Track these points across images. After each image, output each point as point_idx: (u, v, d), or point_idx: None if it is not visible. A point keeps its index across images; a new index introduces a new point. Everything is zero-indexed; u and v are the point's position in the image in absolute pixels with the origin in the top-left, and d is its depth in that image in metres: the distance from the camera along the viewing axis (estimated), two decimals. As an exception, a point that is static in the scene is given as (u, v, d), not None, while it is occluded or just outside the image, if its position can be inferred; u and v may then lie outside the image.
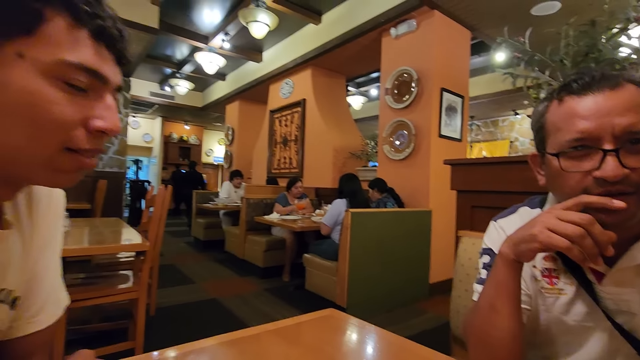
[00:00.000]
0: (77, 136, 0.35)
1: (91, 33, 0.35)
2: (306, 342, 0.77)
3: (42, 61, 0.32)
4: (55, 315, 0.51)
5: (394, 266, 2.77)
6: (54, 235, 0.52)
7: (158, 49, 5.82)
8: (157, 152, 10.22)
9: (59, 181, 0.38)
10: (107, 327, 2.12)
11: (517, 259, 0.55)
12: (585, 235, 0.47)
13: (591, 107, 0.52)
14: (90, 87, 0.36)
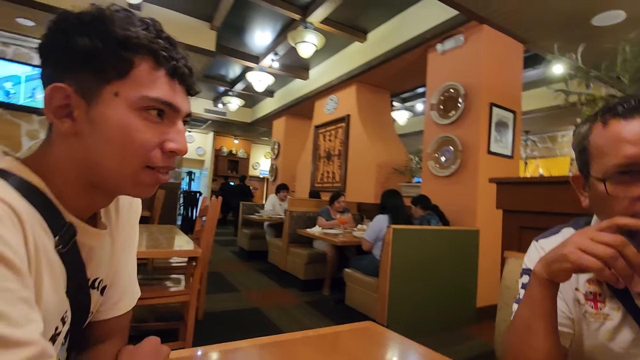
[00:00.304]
0: (154, 156, 0.44)
1: (167, 72, 0.44)
2: (341, 351, 0.80)
3: (131, 98, 0.41)
4: (130, 304, 0.61)
5: (438, 287, 2.68)
6: (133, 237, 0.62)
7: (213, 69, 6.27)
8: (208, 165, 10.85)
9: (141, 192, 0.47)
10: (161, 326, 2.28)
11: (550, 279, 0.55)
12: (617, 256, 0.47)
13: (638, 132, 0.51)
14: (165, 115, 0.44)
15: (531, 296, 0.58)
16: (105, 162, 0.42)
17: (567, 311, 0.65)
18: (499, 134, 3.25)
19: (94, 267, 0.50)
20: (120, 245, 0.58)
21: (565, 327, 0.65)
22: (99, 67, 0.41)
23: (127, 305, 0.60)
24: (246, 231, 5.17)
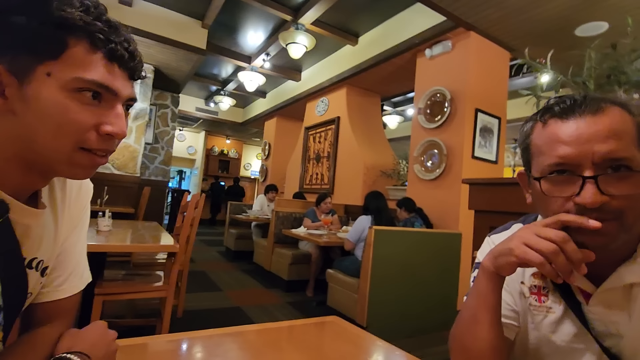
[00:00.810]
0: (89, 138, 0.44)
1: (105, 55, 0.44)
2: (304, 341, 0.80)
3: (64, 79, 0.41)
4: (77, 287, 0.60)
5: (419, 289, 2.70)
6: (82, 220, 0.62)
7: (205, 68, 6.26)
8: (199, 164, 10.79)
9: (77, 174, 0.47)
10: (138, 322, 2.26)
11: (496, 272, 0.57)
12: (558, 252, 0.48)
13: (572, 133, 0.52)
14: (103, 98, 0.45)
15: (478, 288, 0.60)
16: (39, 140, 0.42)
17: (513, 304, 0.67)
18: (484, 139, 3.30)
19: (31, 247, 0.49)
20: (67, 227, 0.57)
21: (511, 319, 0.66)
22: (32, 47, 0.41)
23: (73, 287, 0.59)
24: (233, 231, 5.14)
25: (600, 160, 0.50)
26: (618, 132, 0.50)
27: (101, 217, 2.04)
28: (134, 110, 4.79)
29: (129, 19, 3.94)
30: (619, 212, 0.50)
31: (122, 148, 4.72)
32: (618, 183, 0.49)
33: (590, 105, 0.52)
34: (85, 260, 0.63)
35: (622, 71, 1.05)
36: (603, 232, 0.50)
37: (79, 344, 0.51)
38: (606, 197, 0.49)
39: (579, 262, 0.48)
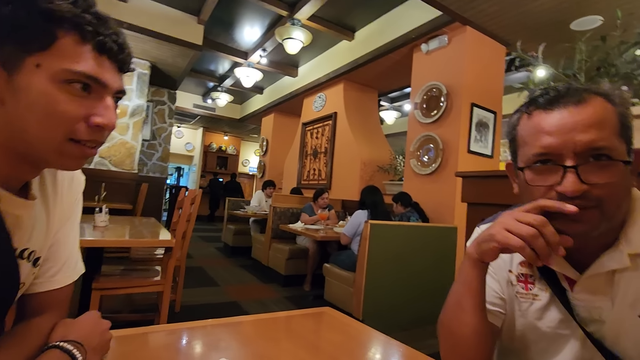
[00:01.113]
0: (79, 129, 0.45)
1: (94, 47, 0.44)
2: (296, 332, 0.82)
3: (53, 70, 0.42)
4: (70, 278, 0.61)
5: (416, 282, 2.72)
6: (74, 212, 0.62)
7: (202, 64, 6.24)
8: (197, 161, 10.78)
9: (66, 165, 0.48)
10: (135, 317, 2.28)
11: (480, 259, 0.58)
12: (537, 235, 0.50)
13: (555, 123, 0.53)
14: (93, 90, 0.45)
15: (462, 275, 0.61)
16: (29, 130, 0.43)
17: (500, 292, 0.68)
18: (480, 134, 3.31)
19: (22, 238, 0.50)
20: (59, 219, 0.58)
21: (498, 307, 0.68)
22: (20, 38, 0.41)
23: (66, 278, 0.60)
24: (231, 227, 5.16)
25: (582, 150, 0.51)
26: (599, 122, 0.51)
27: (98, 213, 2.05)
28: (130, 107, 4.78)
29: (125, 15, 3.92)
30: (599, 201, 0.51)
31: (119, 145, 4.71)
32: (599, 172, 0.51)
33: (573, 96, 0.53)
34: (78, 252, 0.64)
35: (612, 63, 1.06)
36: (584, 220, 0.51)
37: (72, 333, 0.51)
38: (587, 185, 0.50)
39: (557, 244, 0.50)
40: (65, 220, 0.60)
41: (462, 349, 0.59)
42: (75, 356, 0.47)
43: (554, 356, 0.61)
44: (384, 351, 0.73)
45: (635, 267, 0.53)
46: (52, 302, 0.58)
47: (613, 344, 0.55)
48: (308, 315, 0.93)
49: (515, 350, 0.67)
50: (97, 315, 0.57)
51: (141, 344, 0.66)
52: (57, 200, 0.57)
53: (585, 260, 0.57)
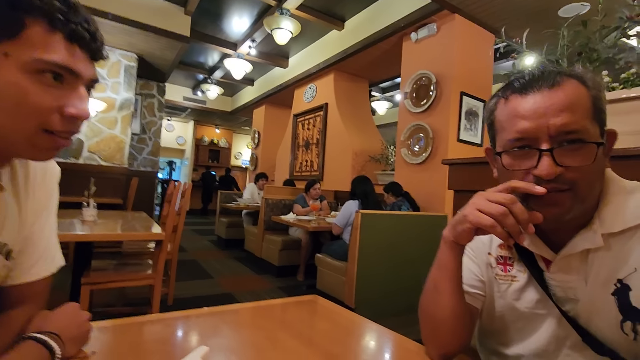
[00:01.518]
0: (52, 120, 0.44)
1: (65, 35, 0.43)
2: (283, 319, 0.83)
3: (23, 60, 0.41)
4: (47, 270, 0.60)
5: (406, 270, 2.76)
6: (49, 204, 0.61)
7: (191, 56, 6.14)
8: (189, 154, 10.69)
9: (38, 156, 0.47)
10: (127, 311, 2.28)
11: (455, 241, 0.59)
12: (507, 213, 0.51)
13: (530, 108, 0.53)
14: (65, 80, 0.44)
15: (439, 258, 0.62)
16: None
17: (480, 274, 0.69)
18: (469, 123, 3.33)
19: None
20: (33, 211, 0.57)
21: (478, 289, 0.69)
22: None
23: (43, 271, 0.59)
24: (224, 220, 5.15)
25: (556, 133, 0.51)
26: (572, 105, 0.52)
27: (86, 208, 2.03)
28: (118, 101, 4.71)
29: (109, 6, 3.83)
30: (572, 183, 0.52)
31: (109, 139, 4.65)
32: (572, 155, 0.51)
33: (547, 80, 0.54)
34: (56, 244, 0.63)
35: (593, 48, 1.06)
36: (558, 203, 0.52)
37: (49, 325, 0.51)
38: (561, 168, 0.51)
39: (526, 222, 0.51)
40: (40, 213, 0.59)
41: (441, 332, 0.61)
42: (50, 347, 0.47)
43: (531, 335, 0.62)
44: (370, 336, 0.74)
45: (608, 247, 0.55)
46: (29, 294, 0.57)
47: (587, 321, 0.56)
48: (295, 303, 0.94)
49: (494, 331, 0.69)
50: (75, 306, 0.56)
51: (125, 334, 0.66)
52: (30, 192, 0.57)
53: (561, 241, 0.58)
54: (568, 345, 0.58)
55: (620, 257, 0.54)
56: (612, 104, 0.94)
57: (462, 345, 0.62)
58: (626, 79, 0.95)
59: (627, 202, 0.55)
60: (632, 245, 0.53)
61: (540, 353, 0.61)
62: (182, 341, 0.66)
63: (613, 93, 0.96)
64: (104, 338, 0.61)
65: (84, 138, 4.50)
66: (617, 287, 0.53)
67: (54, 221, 0.63)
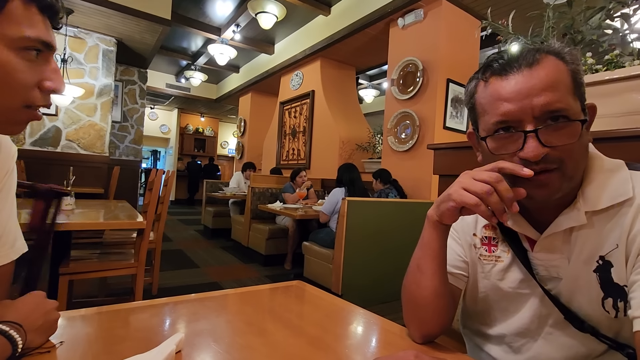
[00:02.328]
0: (34, 96, 0.44)
1: (38, 8, 0.42)
2: (269, 305, 0.81)
3: (9, 37, 0.40)
4: (8, 257, 0.57)
5: (392, 257, 2.78)
6: (5, 185, 0.57)
7: (173, 40, 5.95)
8: (173, 143, 10.48)
9: (11, 130, 0.47)
10: (110, 301, 2.22)
11: (439, 220, 0.58)
12: (491, 192, 0.50)
13: (512, 90, 0.52)
14: (40, 54, 0.44)
15: (423, 238, 0.61)
16: None
17: (464, 255, 0.69)
18: (455, 110, 3.34)
19: None
20: None
21: (461, 270, 0.68)
22: None
23: (1, 258, 0.56)
24: (210, 209, 5.09)
25: (540, 113, 0.50)
26: (553, 83, 0.51)
27: (63, 197, 1.96)
28: (97, 87, 4.54)
29: (84, -14, 3.64)
30: (560, 162, 0.51)
31: (88, 127, 4.50)
32: (558, 134, 0.50)
33: (527, 58, 0.52)
34: (16, 229, 0.59)
35: (578, 30, 1.06)
36: (547, 183, 0.52)
37: (10, 314, 0.47)
38: (547, 148, 0.50)
39: (511, 200, 0.50)
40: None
41: (423, 312, 0.60)
42: (11, 337, 0.44)
43: (514, 314, 0.62)
44: (353, 320, 0.73)
45: (591, 225, 0.54)
46: None
47: (569, 300, 0.56)
48: (280, 288, 0.92)
49: (478, 312, 0.68)
50: (40, 295, 0.53)
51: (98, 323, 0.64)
52: None
53: (545, 220, 0.58)
54: (550, 324, 0.59)
55: (602, 234, 0.53)
56: (596, 86, 0.94)
57: (444, 326, 0.61)
58: (610, 61, 0.95)
59: (609, 180, 0.54)
60: (614, 223, 0.53)
61: (523, 332, 0.61)
62: (160, 328, 0.63)
63: (597, 75, 0.95)
64: (75, 327, 0.58)
65: (62, 125, 4.34)
66: (599, 264, 0.53)
67: (13, 203, 0.59)
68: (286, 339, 0.58)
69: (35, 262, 1.00)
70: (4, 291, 0.57)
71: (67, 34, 4.13)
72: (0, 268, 0.55)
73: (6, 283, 0.57)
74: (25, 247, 0.60)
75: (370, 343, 0.63)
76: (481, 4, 3.29)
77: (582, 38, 1.03)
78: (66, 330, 0.55)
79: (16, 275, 0.57)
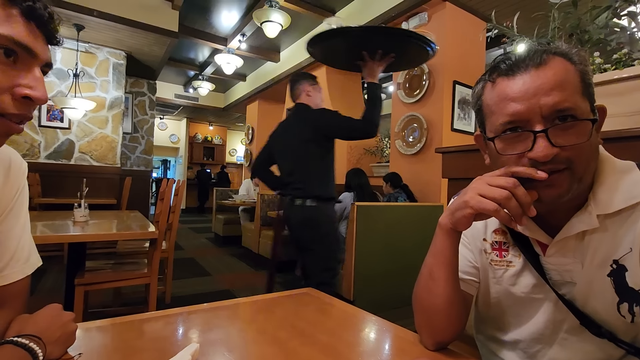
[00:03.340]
0: (3, 101, 0.41)
1: (22, 12, 0.40)
2: (277, 313, 0.81)
3: None
4: (22, 272, 0.57)
5: (403, 261, 2.76)
6: (17, 203, 0.58)
7: (181, 52, 6.06)
8: (183, 152, 10.61)
9: None
10: (124, 311, 2.26)
11: (454, 228, 0.58)
12: (510, 197, 0.50)
13: (520, 89, 0.52)
14: (19, 59, 0.41)
15: (435, 245, 0.61)
16: None
17: (474, 260, 0.68)
18: (463, 112, 3.31)
19: None
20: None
21: (472, 275, 0.68)
22: None
23: (16, 273, 0.56)
24: (220, 217, 5.13)
25: (548, 113, 0.50)
26: (561, 82, 0.50)
27: (77, 209, 2.00)
28: (108, 99, 4.64)
29: (95, 3, 3.75)
30: (569, 162, 0.51)
31: (100, 139, 4.59)
32: (567, 134, 0.50)
33: (534, 59, 0.52)
34: (30, 244, 0.60)
35: (584, 30, 1.05)
36: (556, 184, 0.51)
37: (29, 327, 0.49)
38: (557, 149, 0.50)
39: (529, 205, 0.50)
40: (6, 213, 0.56)
41: (435, 320, 0.60)
42: (32, 349, 0.45)
43: (528, 320, 0.62)
44: (365, 327, 0.73)
45: (604, 228, 0.54)
46: (4, 298, 0.55)
47: (583, 304, 0.55)
48: (290, 296, 0.93)
49: (491, 318, 0.68)
50: (57, 307, 0.54)
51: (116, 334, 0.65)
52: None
53: (556, 224, 0.57)
54: (565, 329, 0.58)
55: (616, 237, 0.53)
56: (604, 86, 0.93)
57: (456, 332, 0.61)
58: (618, 60, 0.94)
59: (621, 182, 0.54)
60: (627, 226, 0.52)
61: (538, 337, 0.60)
62: (175, 338, 0.64)
63: (605, 74, 0.94)
64: (92, 338, 0.60)
65: (75, 138, 4.44)
66: (613, 268, 0.52)
67: (26, 220, 0.60)
68: (299, 348, 0.58)
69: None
70: (22, 305, 0.57)
71: (79, 49, 4.24)
72: (16, 283, 0.56)
73: (23, 297, 0.58)
74: (40, 261, 0.61)
75: (382, 350, 0.63)
76: (485, 6, 3.28)
77: (589, 38, 1.02)
78: (84, 342, 0.57)
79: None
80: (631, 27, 1.00)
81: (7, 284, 0.55)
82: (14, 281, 0.56)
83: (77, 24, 3.90)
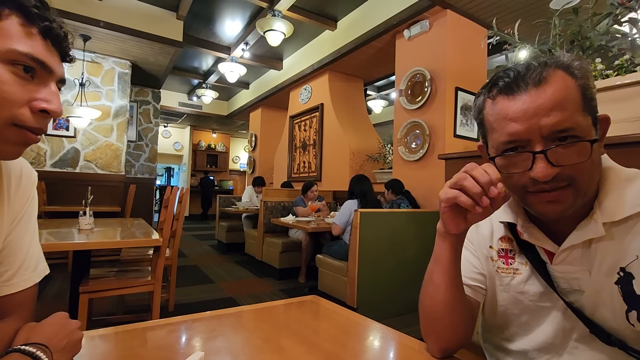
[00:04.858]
0: (22, 114, 0.43)
1: (40, 30, 0.43)
2: (285, 321, 0.82)
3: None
4: (31, 280, 0.58)
5: (407, 268, 2.74)
6: (27, 212, 0.59)
7: (185, 61, 6.13)
8: (186, 160, 10.66)
9: (5, 151, 0.46)
10: (128, 318, 2.26)
11: (446, 230, 0.58)
12: (466, 176, 0.51)
13: (519, 109, 0.52)
14: (36, 75, 0.44)
15: (435, 251, 0.61)
16: None
17: (480, 267, 0.68)
18: (465, 118, 3.32)
19: None
20: (8, 221, 0.55)
21: (479, 282, 0.68)
22: None
23: (25, 281, 0.57)
24: (223, 224, 5.13)
25: (548, 133, 0.50)
26: (562, 101, 0.50)
27: (82, 216, 2.02)
28: (113, 108, 4.69)
29: (100, 14, 3.82)
30: (571, 179, 0.51)
31: (105, 147, 4.63)
32: (567, 153, 0.50)
33: (533, 76, 0.51)
34: (38, 253, 0.60)
35: (585, 36, 1.05)
36: (559, 200, 0.51)
37: (36, 336, 0.49)
38: (557, 168, 0.50)
39: (487, 184, 0.50)
40: (16, 222, 0.57)
41: (439, 326, 0.59)
42: (39, 358, 0.45)
43: (536, 328, 0.61)
44: (370, 335, 0.73)
45: (610, 236, 0.53)
46: (12, 306, 0.55)
47: (592, 312, 0.55)
48: (295, 304, 0.93)
49: (498, 326, 0.67)
50: (64, 316, 0.54)
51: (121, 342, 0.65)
52: (4, 202, 0.54)
53: (562, 232, 0.57)
54: (575, 338, 0.57)
55: (622, 245, 0.52)
56: (607, 92, 0.93)
57: (462, 340, 0.60)
58: (620, 66, 0.94)
59: (626, 190, 0.53)
60: (634, 233, 0.52)
61: (547, 347, 0.59)
62: (180, 346, 0.64)
63: (608, 80, 0.95)
64: (96, 347, 0.60)
65: (80, 147, 4.48)
66: (621, 275, 0.52)
67: (35, 228, 0.60)
68: (303, 356, 0.58)
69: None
70: (29, 313, 0.58)
71: (85, 59, 4.30)
72: (24, 291, 0.57)
73: (31, 305, 0.58)
74: (47, 269, 0.62)
75: (387, 358, 0.63)
76: (487, 13, 3.31)
77: (591, 44, 1.03)
78: (89, 350, 0.57)
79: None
80: (632, 34, 1.00)
81: (15, 292, 0.56)
82: (23, 289, 0.57)
83: (83, 35, 3.97)
